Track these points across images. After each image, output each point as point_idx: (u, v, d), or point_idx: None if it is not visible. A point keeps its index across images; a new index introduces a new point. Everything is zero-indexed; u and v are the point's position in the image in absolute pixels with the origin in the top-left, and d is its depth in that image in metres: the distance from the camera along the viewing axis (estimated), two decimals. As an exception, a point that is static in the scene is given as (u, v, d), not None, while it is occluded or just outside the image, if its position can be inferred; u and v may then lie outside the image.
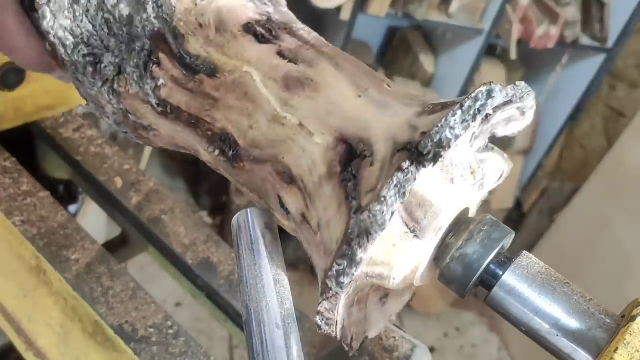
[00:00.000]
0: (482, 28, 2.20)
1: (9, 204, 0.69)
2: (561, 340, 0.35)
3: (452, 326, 2.69)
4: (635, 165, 2.30)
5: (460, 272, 0.37)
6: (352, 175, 0.35)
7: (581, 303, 0.36)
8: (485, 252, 0.37)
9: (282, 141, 0.38)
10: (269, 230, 0.40)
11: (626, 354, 0.32)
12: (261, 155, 0.39)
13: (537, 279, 0.36)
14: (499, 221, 0.38)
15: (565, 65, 2.57)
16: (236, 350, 2.29)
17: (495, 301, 0.37)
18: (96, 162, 0.79)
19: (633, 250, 2.19)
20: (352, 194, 0.34)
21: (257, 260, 0.39)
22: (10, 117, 0.79)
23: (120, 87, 0.43)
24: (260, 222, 0.40)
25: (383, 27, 2.57)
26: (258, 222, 0.40)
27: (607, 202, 2.39)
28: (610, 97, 2.60)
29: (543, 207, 2.81)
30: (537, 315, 0.36)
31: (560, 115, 2.65)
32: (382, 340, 0.62)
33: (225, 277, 0.71)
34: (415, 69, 2.44)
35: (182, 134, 0.42)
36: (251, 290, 0.38)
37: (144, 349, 0.59)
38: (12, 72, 0.75)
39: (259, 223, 0.40)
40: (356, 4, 1.97)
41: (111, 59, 0.43)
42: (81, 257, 0.65)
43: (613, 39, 2.43)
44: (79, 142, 0.81)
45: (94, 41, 0.43)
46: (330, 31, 2.10)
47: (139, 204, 0.76)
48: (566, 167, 2.81)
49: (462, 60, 2.32)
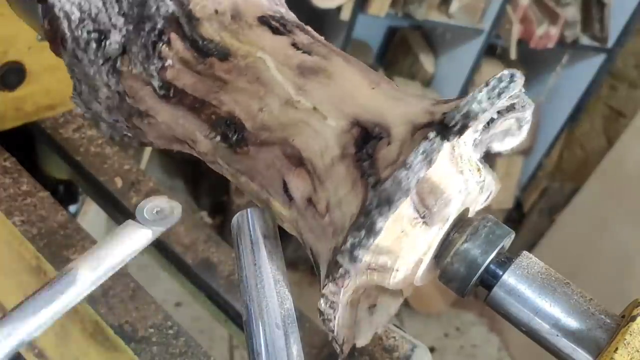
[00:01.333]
0: (482, 28, 2.20)
1: (9, 204, 0.69)
2: (561, 340, 0.35)
3: (452, 326, 2.69)
4: (635, 165, 2.30)
5: (461, 271, 0.37)
6: (367, 155, 0.35)
7: (581, 303, 0.36)
8: (485, 252, 0.37)
9: (293, 124, 0.38)
10: (269, 230, 0.40)
11: (626, 354, 0.32)
12: (269, 138, 0.39)
13: (537, 279, 0.36)
14: (499, 221, 0.38)
15: (565, 65, 2.57)
16: (236, 350, 2.29)
17: (495, 301, 0.37)
18: (96, 162, 0.79)
19: (633, 250, 2.19)
20: (368, 171, 0.34)
21: (257, 260, 0.39)
22: (10, 117, 0.79)
23: (123, 66, 0.43)
24: (260, 222, 0.40)
25: (383, 27, 2.57)
26: (258, 222, 0.40)
27: (607, 202, 2.39)
28: (610, 97, 2.60)
29: (543, 207, 2.81)
30: (537, 315, 0.36)
31: (560, 115, 2.65)
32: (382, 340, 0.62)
33: (225, 277, 0.71)
34: (415, 69, 2.44)
35: (182, 120, 0.42)
36: (251, 290, 0.38)
37: (144, 349, 0.59)
38: (12, 72, 0.74)
39: (259, 223, 0.40)
40: (356, 4, 1.97)
41: (117, 38, 0.43)
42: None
43: (613, 39, 2.43)
44: (79, 142, 0.81)
45: (102, 18, 0.43)
46: (330, 31, 2.10)
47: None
48: (566, 167, 2.81)
49: (462, 60, 2.31)
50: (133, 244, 0.34)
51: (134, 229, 0.34)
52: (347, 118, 0.37)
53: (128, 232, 0.34)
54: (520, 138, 0.40)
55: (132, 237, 0.34)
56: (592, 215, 2.47)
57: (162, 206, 0.35)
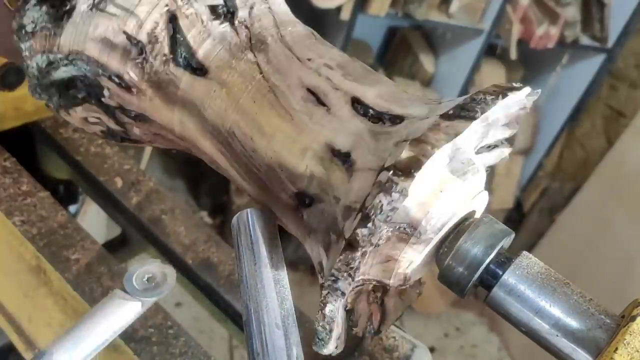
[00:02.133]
0: (482, 28, 2.20)
1: (9, 204, 0.69)
2: (561, 340, 0.35)
3: (452, 326, 2.69)
4: (635, 165, 2.30)
5: (461, 271, 0.37)
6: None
7: (581, 303, 0.35)
8: (485, 252, 0.37)
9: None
10: (269, 230, 0.40)
11: (626, 354, 0.32)
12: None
13: (537, 279, 0.36)
14: (499, 221, 0.38)
15: (565, 65, 2.57)
16: (236, 350, 2.29)
17: (495, 301, 0.37)
18: (96, 162, 0.79)
19: (633, 250, 2.19)
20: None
21: (257, 260, 0.39)
22: (10, 117, 0.79)
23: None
24: (260, 222, 0.40)
25: (383, 27, 2.56)
26: (258, 222, 0.40)
27: (607, 202, 2.39)
28: (610, 97, 2.60)
29: (543, 207, 2.81)
30: (537, 315, 0.36)
31: (560, 115, 2.65)
32: (382, 340, 0.62)
33: (225, 277, 0.71)
34: (415, 69, 2.44)
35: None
36: (251, 290, 0.38)
37: (144, 349, 0.59)
38: (12, 72, 0.75)
39: (259, 223, 0.40)
40: (356, 4, 1.97)
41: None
42: (81, 257, 0.65)
43: (613, 39, 2.43)
44: (79, 142, 0.81)
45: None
46: (330, 31, 2.10)
47: (139, 204, 0.76)
48: (566, 167, 2.80)
49: (462, 60, 2.31)
50: (119, 319, 0.30)
51: (121, 301, 0.30)
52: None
53: (115, 305, 0.30)
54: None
55: (119, 310, 0.30)
56: (592, 215, 2.47)
57: (153, 272, 0.32)
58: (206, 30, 0.43)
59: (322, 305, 0.35)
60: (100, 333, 0.30)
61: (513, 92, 0.36)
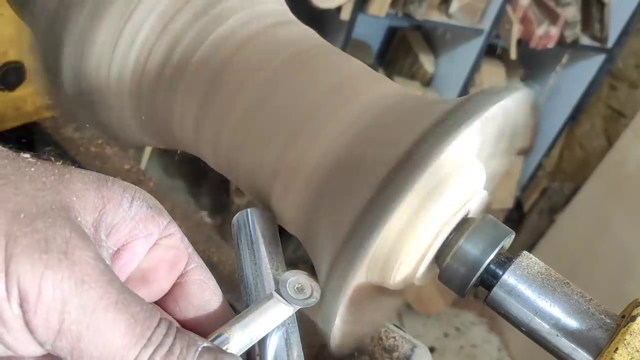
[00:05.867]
0: (482, 28, 2.20)
1: (9, 204, 0.69)
2: (561, 340, 0.35)
3: (452, 326, 2.69)
4: (635, 165, 2.30)
5: (461, 271, 0.37)
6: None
7: (581, 303, 0.35)
8: (485, 252, 0.37)
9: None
10: (269, 230, 0.40)
11: (626, 354, 0.32)
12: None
13: (537, 279, 0.36)
14: (499, 221, 0.38)
15: (565, 65, 2.57)
16: (236, 350, 2.29)
17: (495, 301, 0.37)
18: (96, 162, 0.79)
19: (633, 251, 2.19)
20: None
21: (257, 260, 0.39)
22: (10, 117, 0.79)
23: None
24: (260, 222, 0.40)
25: (383, 27, 2.57)
26: (258, 222, 0.40)
27: (607, 202, 2.39)
28: (610, 97, 2.60)
29: (543, 207, 2.81)
30: (537, 315, 0.36)
31: (560, 115, 2.65)
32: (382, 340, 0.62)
33: (225, 277, 0.71)
34: (415, 69, 2.44)
35: None
36: (251, 290, 0.38)
37: (144, 349, 0.59)
38: (12, 72, 0.74)
39: (259, 223, 0.40)
40: (356, 4, 1.97)
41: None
42: (81, 257, 0.65)
43: (613, 39, 2.43)
44: (79, 142, 0.81)
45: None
46: (330, 31, 2.10)
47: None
48: (566, 167, 2.81)
49: (462, 60, 2.31)
50: (275, 318, 0.35)
51: (278, 303, 0.35)
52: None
53: (272, 305, 0.35)
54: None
55: (275, 310, 0.35)
56: (592, 215, 2.47)
57: (302, 282, 0.36)
58: None
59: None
60: (261, 325, 0.35)
61: (512, 94, 0.36)
